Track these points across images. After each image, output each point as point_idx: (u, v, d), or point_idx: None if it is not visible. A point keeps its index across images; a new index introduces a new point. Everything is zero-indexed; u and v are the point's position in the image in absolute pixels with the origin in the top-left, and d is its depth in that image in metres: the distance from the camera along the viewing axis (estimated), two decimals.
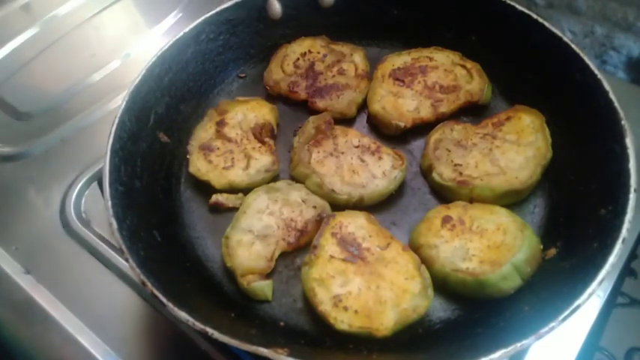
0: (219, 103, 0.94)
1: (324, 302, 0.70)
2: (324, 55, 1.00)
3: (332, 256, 0.74)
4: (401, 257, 0.74)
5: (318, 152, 0.87)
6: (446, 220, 0.77)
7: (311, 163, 0.85)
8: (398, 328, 0.69)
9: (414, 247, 0.77)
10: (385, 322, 0.68)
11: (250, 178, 0.86)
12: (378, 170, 0.84)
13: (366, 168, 0.84)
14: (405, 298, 0.70)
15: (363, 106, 0.96)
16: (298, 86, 0.97)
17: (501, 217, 0.76)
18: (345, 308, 0.69)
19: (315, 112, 0.94)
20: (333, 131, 0.89)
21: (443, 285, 0.74)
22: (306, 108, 0.95)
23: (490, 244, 0.73)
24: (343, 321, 0.68)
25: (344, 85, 0.95)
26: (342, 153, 0.86)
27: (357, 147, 0.87)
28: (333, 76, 0.97)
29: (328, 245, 0.75)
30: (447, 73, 0.95)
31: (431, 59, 0.97)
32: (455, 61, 0.96)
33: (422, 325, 0.73)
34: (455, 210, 0.78)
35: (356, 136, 0.88)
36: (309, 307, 0.73)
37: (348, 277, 0.72)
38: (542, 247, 0.75)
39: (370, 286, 0.71)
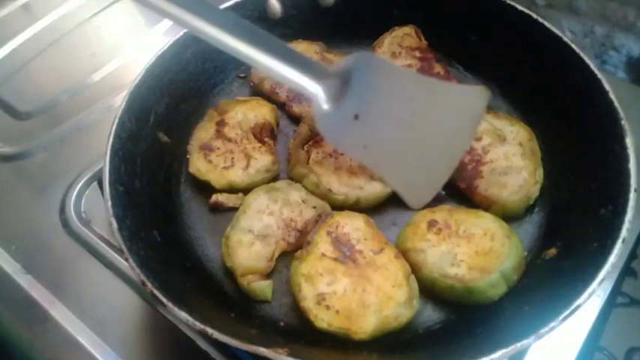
0: (219, 103, 0.94)
1: (307, 298, 0.70)
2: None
3: (323, 254, 0.74)
4: (392, 264, 0.73)
5: (317, 153, 0.86)
6: (431, 223, 0.77)
7: (309, 164, 0.85)
8: (377, 333, 0.68)
9: (401, 252, 0.76)
10: (364, 326, 0.68)
11: (250, 178, 0.85)
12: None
13: (364, 170, 0.84)
14: (388, 305, 0.69)
15: None
16: (280, 87, 0.96)
17: (487, 221, 0.76)
18: (327, 307, 0.69)
19: (291, 115, 0.95)
20: None
21: (430, 290, 0.74)
22: None
23: (478, 250, 0.73)
24: (323, 319, 0.69)
25: None
26: (342, 154, 0.86)
27: None
28: None
29: (321, 243, 0.75)
30: None
31: None
32: None
33: (422, 325, 0.73)
34: (440, 214, 0.78)
35: None
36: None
37: (335, 277, 0.72)
38: (525, 253, 0.76)
39: (356, 288, 0.71)
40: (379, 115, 0.77)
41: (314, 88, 0.72)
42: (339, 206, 0.82)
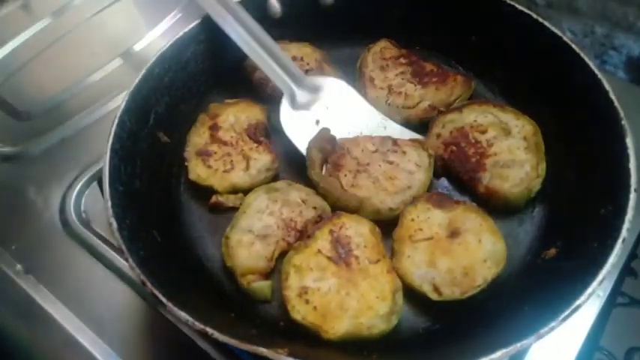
0: (209, 107, 0.93)
1: (291, 288, 0.71)
2: (309, 69, 0.97)
3: (319, 251, 0.74)
4: (383, 277, 0.73)
5: (345, 175, 0.83)
6: None
7: (347, 191, 0.81)
8: (347, 338, 0.69)
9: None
10: (336, 327, 0.68)
11: (252, 179, 0.86)
12: (410, 165, 0.83)
13: (398, 168, 0.83)
14: (367, 314, 0.70)
15: None
16: (267, 83, 0.96)
17: None
18: (307, 301, 0.70)
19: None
20: (342, 146, 0.86)
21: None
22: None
23: None
24: (299, 311, 0.70)
25: None
26: (368, 164, 0.83)
27: (375, 152, 0.85)
28: None
29: (321, 239, 0.75)
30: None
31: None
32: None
33: (422, 325, 0.73)
34: None
35: (367, 141, 0.86)
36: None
37: (324, 275, 0.72)
38: None
39: (340, 290, 0.71)
40: (336, 127, 0.89)
41: (290, 89, 0.90)
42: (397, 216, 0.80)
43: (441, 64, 0.98)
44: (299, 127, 0.89)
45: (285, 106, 0.90)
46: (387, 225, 0.80)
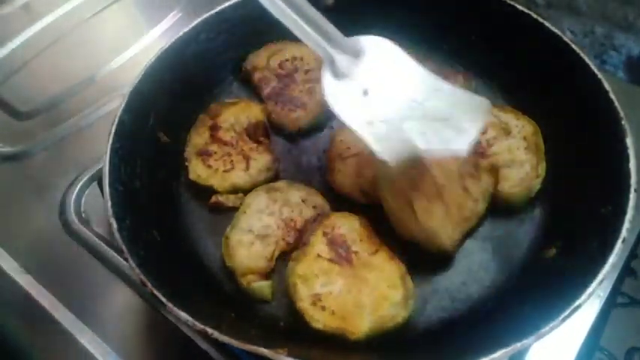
0: (209, 107, 0.94)
1: (303, 299, 0.71)
2: (309, 70, 0.97)
3: (319, 255, 0.74)
4: (387, 265, 0.73)
5: (420, 201, 0.73)
6: None
7: (420, 221, 0.72)
8: (373, 334, 0.69)
9: None
10: (360, 326, 0.68)
11: (253, 179, 0.86)
12: (478, 193, 0.76)
13: (468, 196, 0.76)
14: (384, 305, 0.70)
15: None
16: (267, 83, 0.96)
17: None
18: (323, 308, 0.70)
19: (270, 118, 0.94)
20: (425, 162, 0.74)
21: None
22: (294, 104, 0.94)
23: None
24: (319, 320, 0.69)
25: (302, 104, 0.93)
26: (443, 187, 0.74)
27: (454, 173, 0.75)
28: (301, 91, 0.95)
29: (317, 244, 0.75)
30: None
31: None
32: None
33: (422, 324, 0.73)
34: None
35: (451, 160, 0.75)
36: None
37: (331, 278, 0.72)
38: None
39: (351, 289, 0.71)
40: (387, 95, 0.75)
41: (328, 54, 0.73)
42: None
43: (441, 64, 0.98)
44: (345, 100, 0.75)
45: (327, 77, 0.74)
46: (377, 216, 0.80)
